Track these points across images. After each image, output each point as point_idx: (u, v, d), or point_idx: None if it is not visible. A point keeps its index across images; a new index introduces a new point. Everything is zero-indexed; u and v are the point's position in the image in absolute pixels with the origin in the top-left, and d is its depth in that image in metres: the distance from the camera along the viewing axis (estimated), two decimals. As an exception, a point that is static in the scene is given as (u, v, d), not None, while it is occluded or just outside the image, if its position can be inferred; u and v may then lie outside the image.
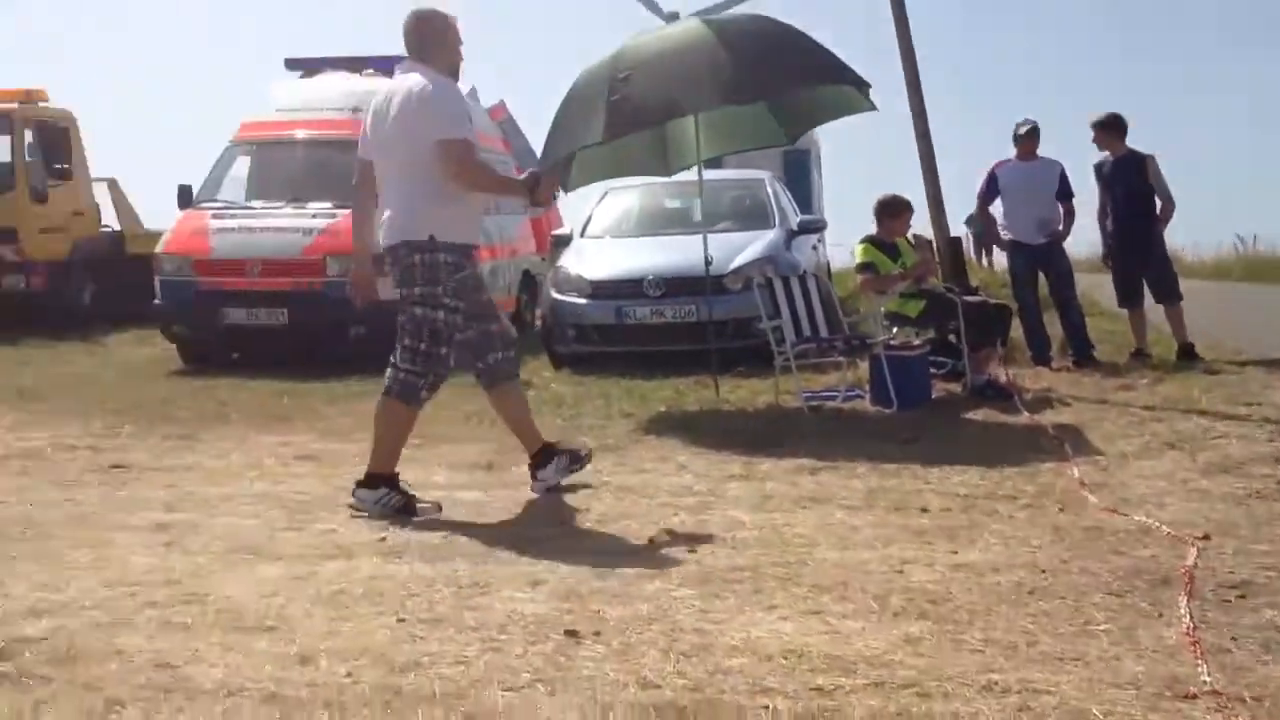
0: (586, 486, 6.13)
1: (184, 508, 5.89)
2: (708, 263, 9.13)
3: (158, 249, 11.70)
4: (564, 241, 12.10)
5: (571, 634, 3.86)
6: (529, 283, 14.27)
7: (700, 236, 9.26)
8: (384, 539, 5.20)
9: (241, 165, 12.19)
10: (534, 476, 6.10)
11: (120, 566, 4.76)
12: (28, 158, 14.64)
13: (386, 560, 4.84)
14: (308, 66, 12.65)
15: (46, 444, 7.65)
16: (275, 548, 5.08)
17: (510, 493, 6.10)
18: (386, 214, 5.76)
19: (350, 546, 5.07)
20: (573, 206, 14.61)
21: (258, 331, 11.20)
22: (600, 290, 10.74)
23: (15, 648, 3.74)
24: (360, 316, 10.70)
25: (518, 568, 4.68)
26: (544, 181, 6.30)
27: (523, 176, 6.41)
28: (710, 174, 10.14)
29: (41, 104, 15.25)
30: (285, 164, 12.04)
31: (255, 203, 11.82)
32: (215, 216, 11.56)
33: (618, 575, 4.50)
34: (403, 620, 4.06)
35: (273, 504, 5.96)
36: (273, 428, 8.26)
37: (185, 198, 11.91)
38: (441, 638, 3.89)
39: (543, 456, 6.09)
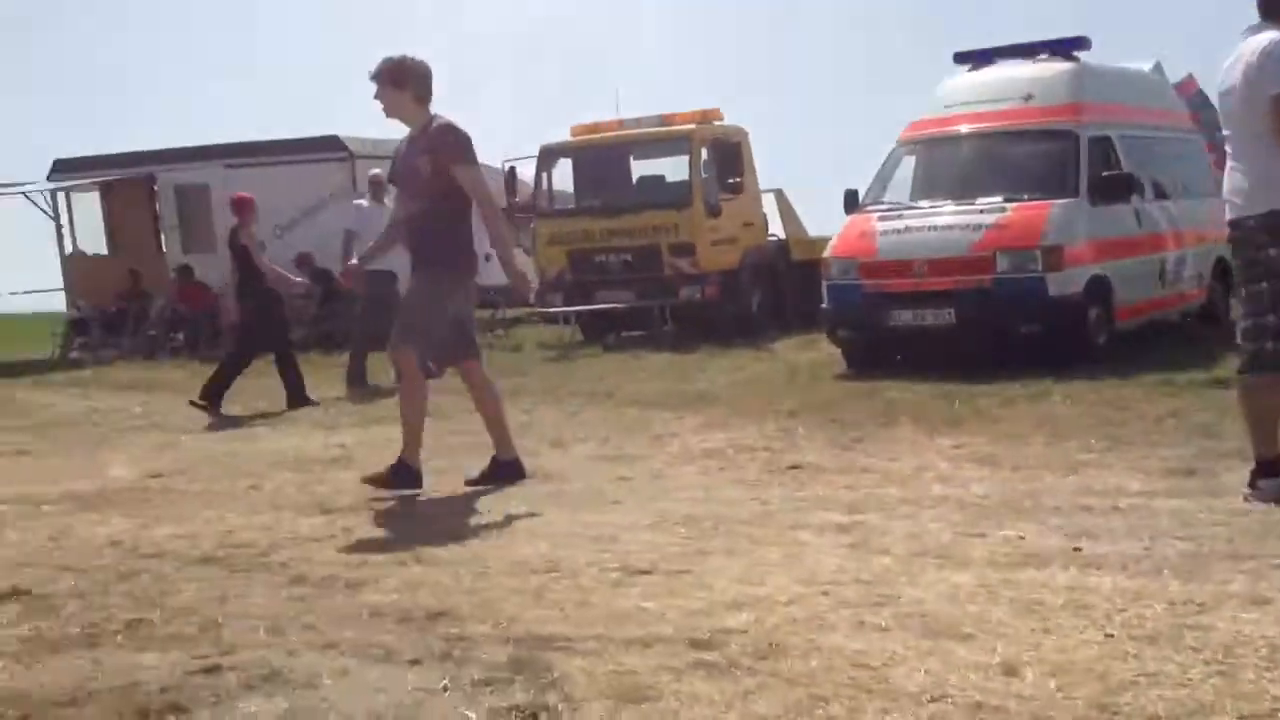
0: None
1: (864, 509, 5.92)
2: None
3: (825, 253, 12.00)
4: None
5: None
6: (1223, 270, 12.96)
7: None
8: (1079, 549, 4.89)
9: (908, 166, 12.23)
10: (1252, 485, 5.50)
11: (810, 565, 4.85)
12: (703, 174, 15.66)
13: (1084, 571, 4.54)
14: (977, 59, 12.38)
15: (726, 445, 8.07)
16: (962, 552, 4.94)
17: (1213, 501, 5.54)
18: (1243, 182, 5.47)
19: (1042, 554, 4.82)
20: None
21: (923, 332, 11.15)
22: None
23: (721, 638, 3.90)
24: (1033, 314, 10.44)
25: (1235, 586, 4.20)
26: None
27: None
28: None
29: (716, 123, 16.29)
30: (951, 160, 11.91)
31: (921, 202, 11.78)
32: (881, 219, 11.63)
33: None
34: (1111, 635, 3.78)
35: (953, 507, 5.85)
36: (943, 430, 8.17)
37: (851, 202, 12.14)
38: (1158, 656, 3.55)
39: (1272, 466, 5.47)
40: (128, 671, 3.66)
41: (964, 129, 11.77)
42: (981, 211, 10.84)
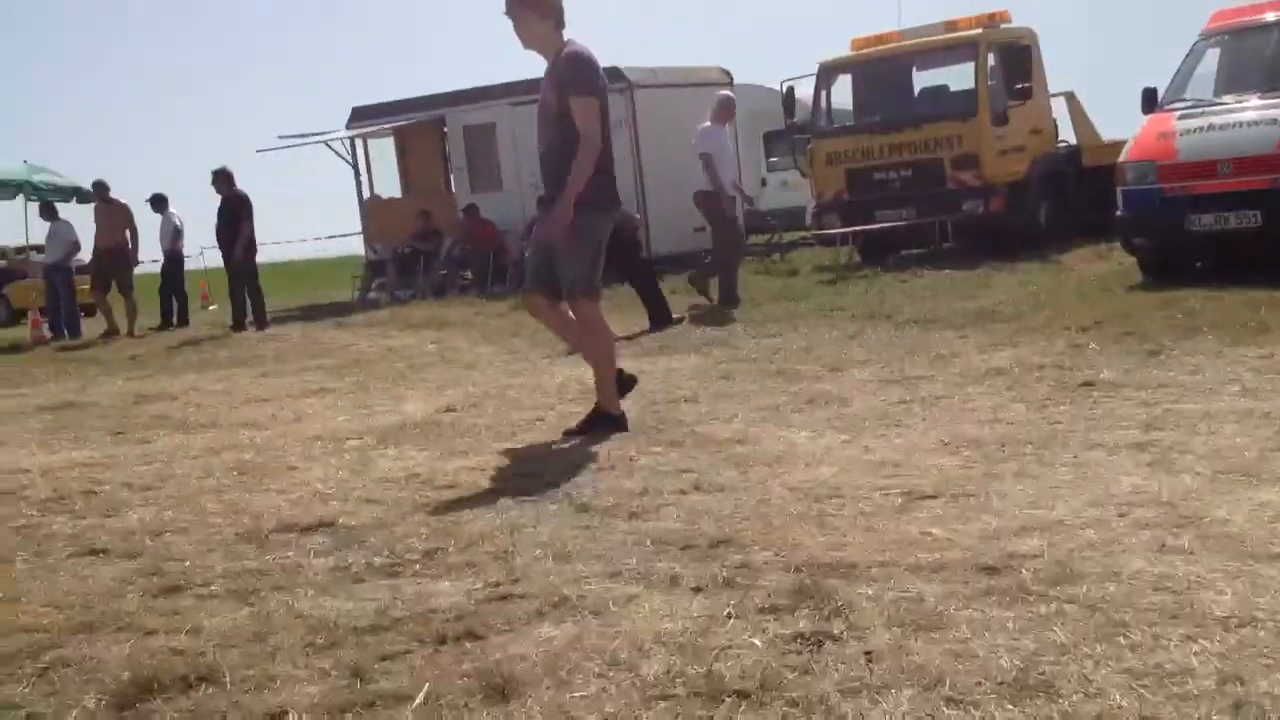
0: None
1: (1163, 425, 5.63)
2: None
3: (1120, 158, 11.40)
4: None
5: None
6: None
7: None
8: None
9: (1211, 60, 11.44)
10: None
11: (1104, 485, 4.64)
12: (990, 81, 15.08)
13: None
14: None
15: (1013, 363, 7.80)
16: (1270, 469, 4.64)
17: None
18: None
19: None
20: None
21: (1226, 237, 10.46)
22: None
23: (1012, 564, 3.77)
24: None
25: None
26: None
27: None
28: None
29: (1004, 25, 15.62)
30: (1260, 51, 11.10)
31: (1226, 98, 11.00)
32: (1181, 117, 10.96)
33: None
34: None
35: (1259, 421, 5.49)
36: (1248, 340, 7.66)
37: (1149, 101, 11.45)
38: None
39: None
40: (425, 599, 3.86)
41: (1275, 16, 10.89)
42: None
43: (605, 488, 5.22)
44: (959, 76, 15.62)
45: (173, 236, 17.60)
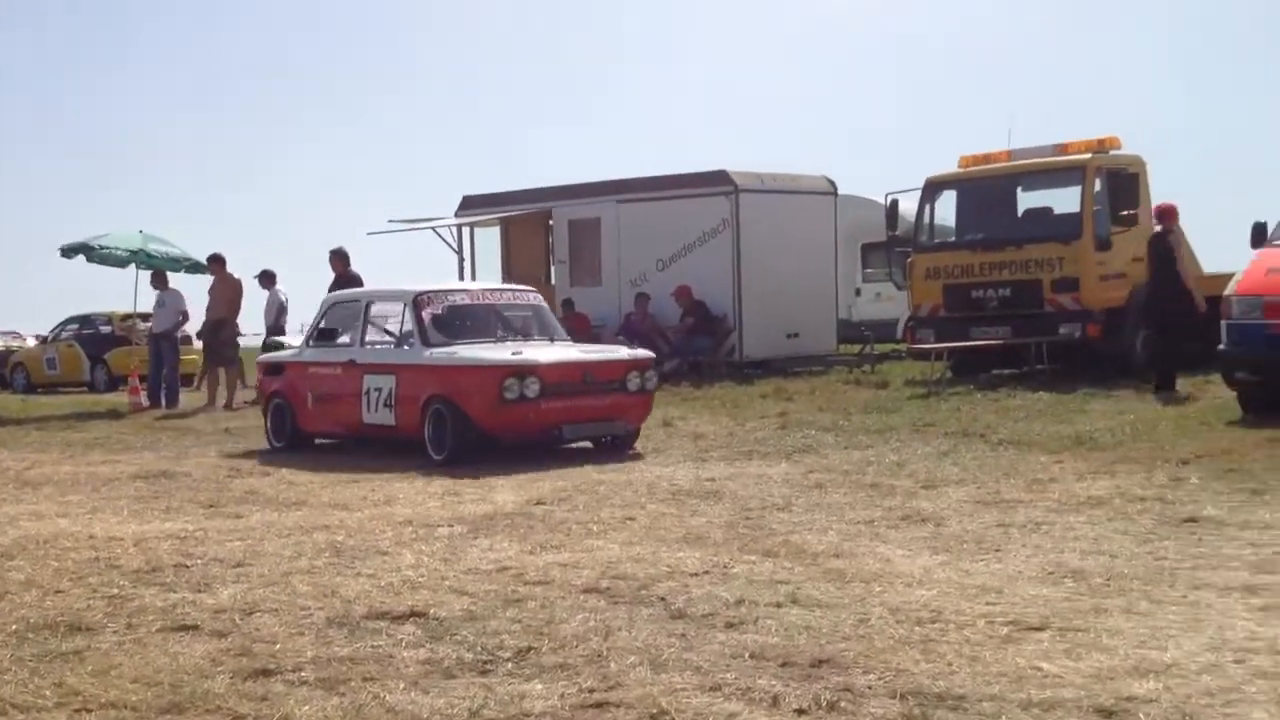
0: None
1: (1273, 569, 5.45)
2: None
3: (1226, 291, 11.23)
4: None
5: None
6: None
7: None
8: None
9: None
10: None
11: (1217, 628, 4.49)
12: (1095, 206, 14.98)
13: None
14: None
15: (1114, 493, 7.62)
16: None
17: None
18: None
19: None
20: None
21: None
22: None
23: (1128, 706, 3.64)
24: None
25: None
26: None
27: None
28: None
29: (1113, 151, 15.56)
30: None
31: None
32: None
33: None
34: None
35: (1378, 572, 5.28)
36: (1360, 484, 7.41)
37: (1259, 236, 11.30)
38: None
39: None
40: (518, 700, 3.81)
41: None
42: None
43: (699, 595, 5.15)
44: (1064, 200, 15.52)
45: (277, 312, 17.91)
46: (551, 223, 20.36)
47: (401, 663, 4.27)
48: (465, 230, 21.04)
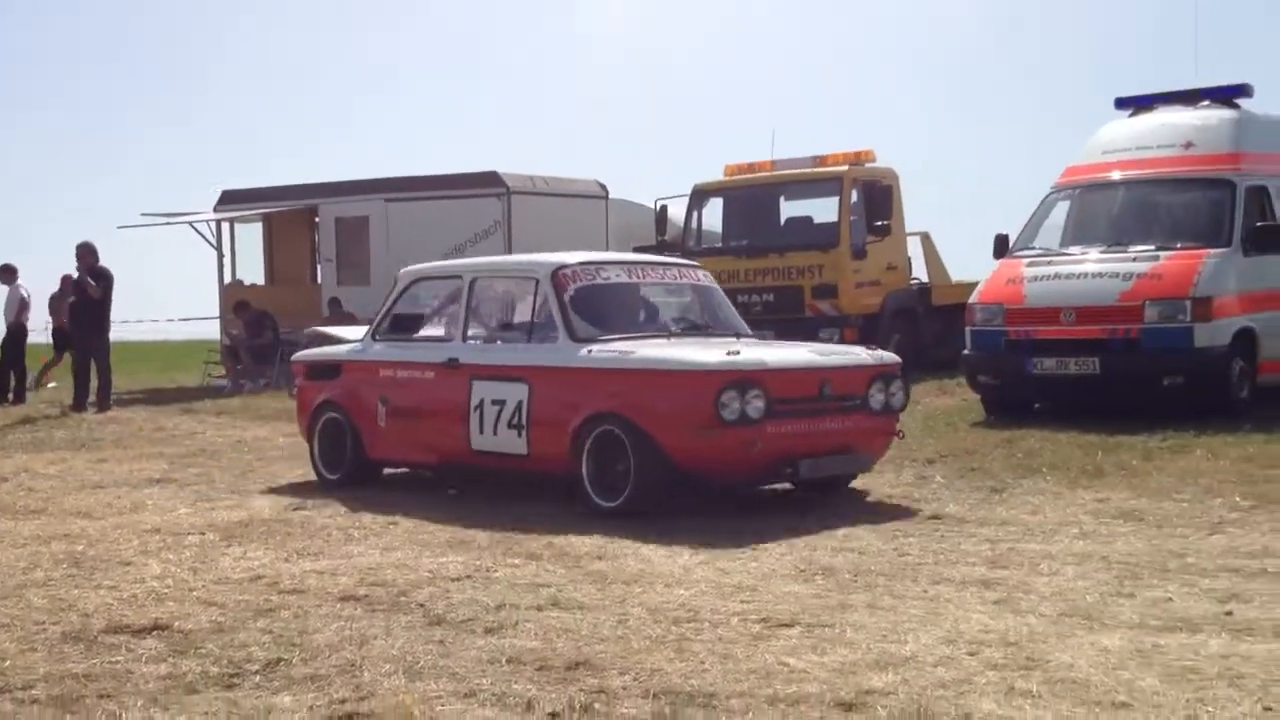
0: None
1: (1007, 564, 5.77)
2: None
3: (971, 299, 11.84)
4: None
5: None
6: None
7: None
8: (1229, 612, 4.74)
9: (1061, 211, 12.01)
10: None
11: (954, 622, 4.72)
12: (851, 216, 15.60)
13: (1237, 638, 4.37)
14: (1138, 104, 12.18)
15: (862, 492, 7.95)
16: (1110, 614, 4.78)
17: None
18: None
19: (1192, 619, 4.67)
20: None
21: (1066, 381, 10.91)
22: None
23: (867, 699, 3.79)
24: (1177, 365, 10.13)
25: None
26: None
27: None
28: None
29: (868, 164, 16.23)
30: (1106, 207, 11.70)
31: (1073, 249, 11.57)
32: (1030, 265, 11.48)
33: None
34: (1269, 709, 3.63)
35: (1098, 565, 5.67)
36: (1085, 483, 7.93)
37: (1001, 247, 11.96)
38: None
39: None
40: (263, 714, 3.70)
41: (1120, 175, 11.56)
42: (1134, 260, 10.64)
43: (460, 600, 5.12)
44: (823, 209, 16.11)
45: (18, 308, 16.95)
46: (318, 220, 19.93)
47: (141, 678, 4.09)
48: (225, 226, 20.36)
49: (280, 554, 6.17)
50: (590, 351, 7.57)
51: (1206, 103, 11.63)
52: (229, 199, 20.17)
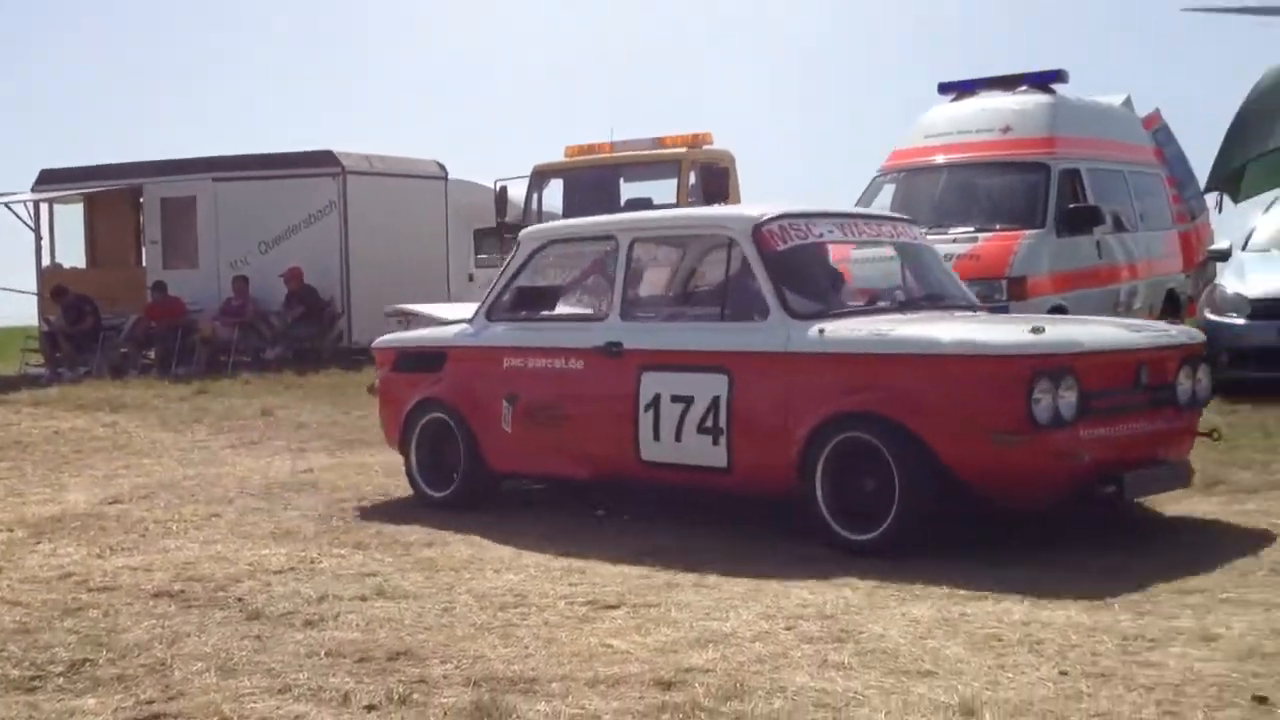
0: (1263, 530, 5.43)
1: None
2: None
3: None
4: (1220, 256, 11.06)
5: (1261, 700, 3.49)
6: (1173, 302, 13.18)
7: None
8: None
9: (888, 194, 12.29)
10: None
11: (774, 597, 4.80)
12: (690, 198, 15.78)
13: (1038, 605, 4.53)
14: (960, 89, 12.55)
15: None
16: (920, 584, 4.91)
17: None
18: None
19: (1002, 591, 4.80)
20: (1228, 219, 13.35)
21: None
22: (1262, 310, 9.72)
23: (686, 678, 3.84)
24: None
25: (1184, 620, 4.22)
26: None
27: None
28: None
29: (706, 147, 16.42)
30: (929, 190, 12.00)
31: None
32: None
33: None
34: (1065, 673, 3.81)
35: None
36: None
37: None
38: (1111, 695, 3.59)
39: None
40: (65, 718, 3.58)
41: (943, 159, 11.90)
42: (954, 241, 10.95)
43: (281, 593, 5.02)
44: (662, 191, 16.27)
45: None
46: (143, 201, 19.30)
47: (-63, 684, 3.91)
48: (44, 207, 19.56)
49: (93, 550, 5.96)
50: (823, 332, 5.83)
51: (1024, 88, 12.05)
52: (48, 178, 19.37)
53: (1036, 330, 5.51)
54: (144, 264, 19.27)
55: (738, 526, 6.15)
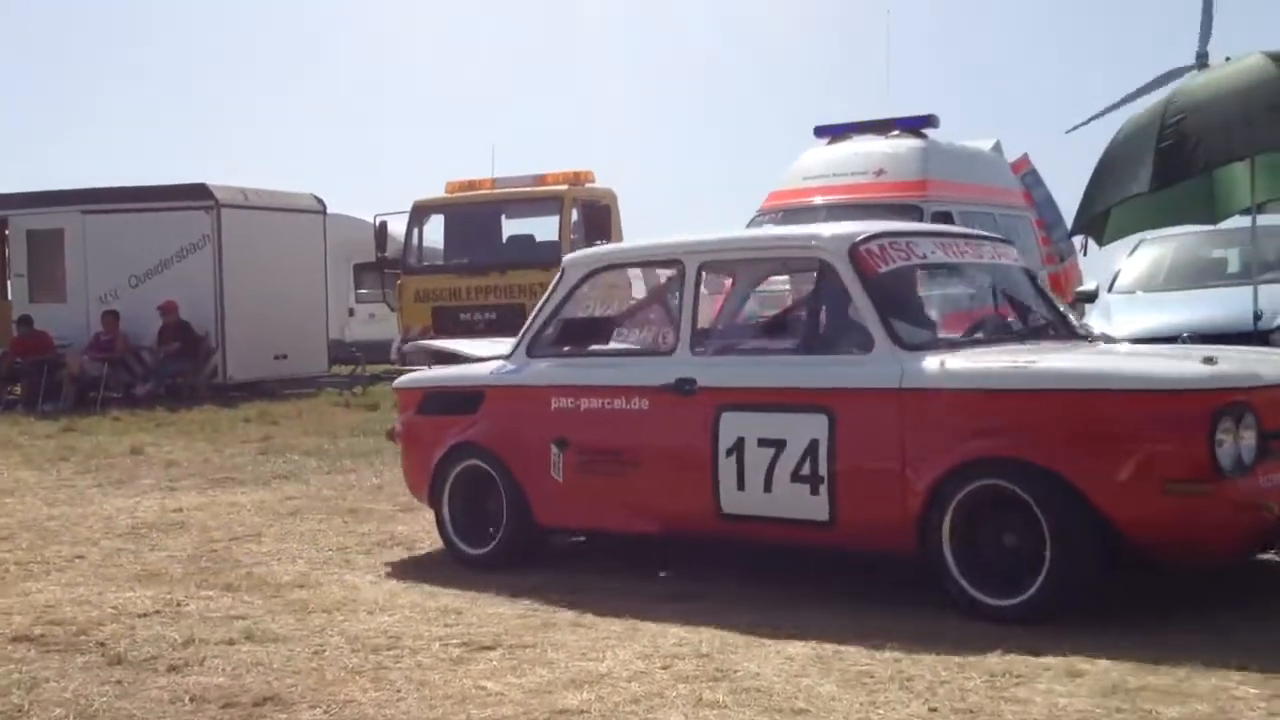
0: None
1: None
2: (1256, 317, 8.21)
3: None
4: (1088, 298, 11.42)
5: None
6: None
7: (1244, 289, 8.38)
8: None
9: (766, 233, 12.50)
10: None
11: (651, 637, 4.81)
12: (572, 235, 15.83)
13: (911, 645, 4.60)
14: (835, 132, 12.84)
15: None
16: (796, 623, 4.97)
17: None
18: None
19: (875, 629, 4.87)
20: (1094, 261, 13.80)
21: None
22: (1129, 350, 10.02)
23: (559, 719, 3.83)
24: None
25: (1052, 657, 4.32)
26: None
27: None
28: (1266, 219, 9.18)
29: (588, 184, 16.49)
30: (806, 229, 12.24)
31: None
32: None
33: (1168, 670, 4.10)
34: (935, 710, 3.85)
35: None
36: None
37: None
38: None
39: None
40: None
41: (820, 200, 12.14)
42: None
43: (145, 637, 4.88)
44: (544, 228, 16.33)
45: None
46: (7, 233, 18.78)
47: None
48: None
49: (-52, 594, 5.74)
50: (943, 365, 5.09)
51: (897, 132, 12.39)
52: (-93, 209, 18.75)
53: (1209, 361, 4.76)
54: (9, 298, 18.75)
55: (617, 564, 6.15)
